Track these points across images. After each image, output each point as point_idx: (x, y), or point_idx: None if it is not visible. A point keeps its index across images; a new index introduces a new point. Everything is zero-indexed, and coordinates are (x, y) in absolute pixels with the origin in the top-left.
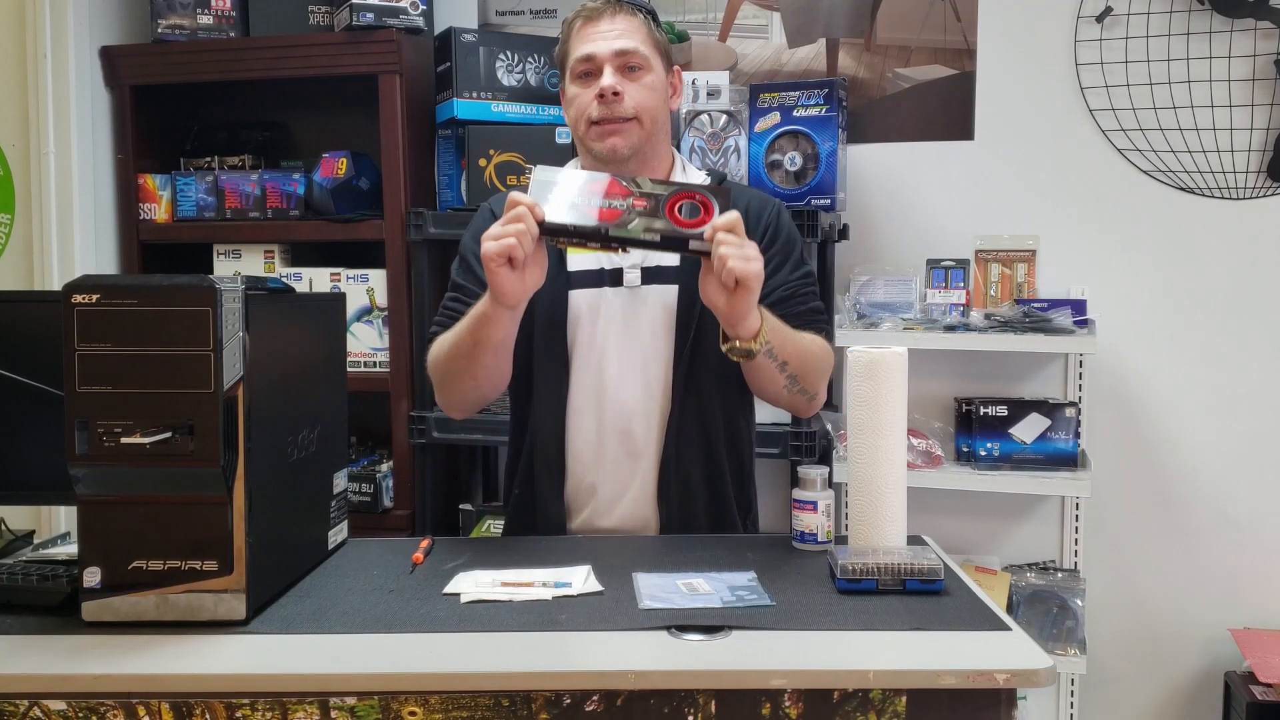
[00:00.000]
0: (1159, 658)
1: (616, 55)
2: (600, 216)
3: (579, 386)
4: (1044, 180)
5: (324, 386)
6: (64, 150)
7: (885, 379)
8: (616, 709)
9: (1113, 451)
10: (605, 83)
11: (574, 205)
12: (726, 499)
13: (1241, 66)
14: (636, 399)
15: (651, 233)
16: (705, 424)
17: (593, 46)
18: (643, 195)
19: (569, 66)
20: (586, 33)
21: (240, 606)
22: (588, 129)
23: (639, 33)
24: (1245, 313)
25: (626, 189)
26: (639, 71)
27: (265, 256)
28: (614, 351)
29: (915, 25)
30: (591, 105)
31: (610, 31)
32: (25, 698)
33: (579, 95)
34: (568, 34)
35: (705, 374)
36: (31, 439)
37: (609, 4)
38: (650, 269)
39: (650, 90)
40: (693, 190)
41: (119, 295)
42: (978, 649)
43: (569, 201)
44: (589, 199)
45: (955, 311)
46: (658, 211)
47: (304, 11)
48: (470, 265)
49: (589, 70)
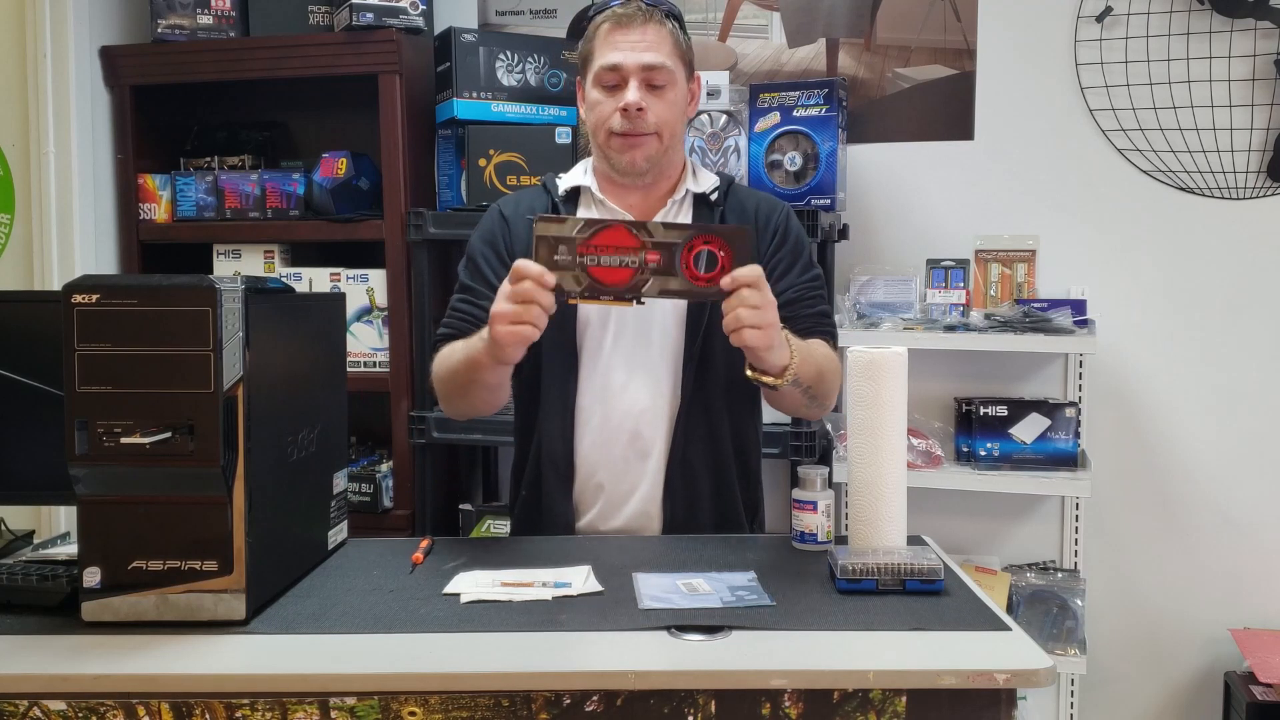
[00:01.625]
0: (1159, 658)
1: (643, 69)
2: (612, 279)
3: (587, 387)
4: (1044, 180)
5: (324, 386)
6: (64, 150)
7: (885, 379)
8: (616, 709)
9: (1113, 451)
10: (630, 99)
11: (585, 264)
12: (733, 500)
13: (1241, 66)
14: (645, 399)
15: (669, 294)
16: (712, 424)
17: (620, 57)
18: (655, 246)
19: (593, 69)
20: (615, 39)
21: (240, 606)
22: (608, 138)
23: (666, 45)
24: (1245, 313)
25: (638, 240)
26: (664, 88)
27: (265, 256)
28: (623, 353)
29: (915, 25)
30: (614, 116)
31: (640, 43)
32: (25, 698)
33: (602, 103)
34: (594, 34)
35: (714, 375)
36: (31, 439)
37: (640, 11)
38: None
39: (672, 106)
40: (709, 233)
41: (119, 295)
42: (978, 649)
43: (581, 260)
44: (599, 257)
45: (955, 311)
46: (673, 267)
47: (304, 11)
48: (479, 267)
49: (614, 81)
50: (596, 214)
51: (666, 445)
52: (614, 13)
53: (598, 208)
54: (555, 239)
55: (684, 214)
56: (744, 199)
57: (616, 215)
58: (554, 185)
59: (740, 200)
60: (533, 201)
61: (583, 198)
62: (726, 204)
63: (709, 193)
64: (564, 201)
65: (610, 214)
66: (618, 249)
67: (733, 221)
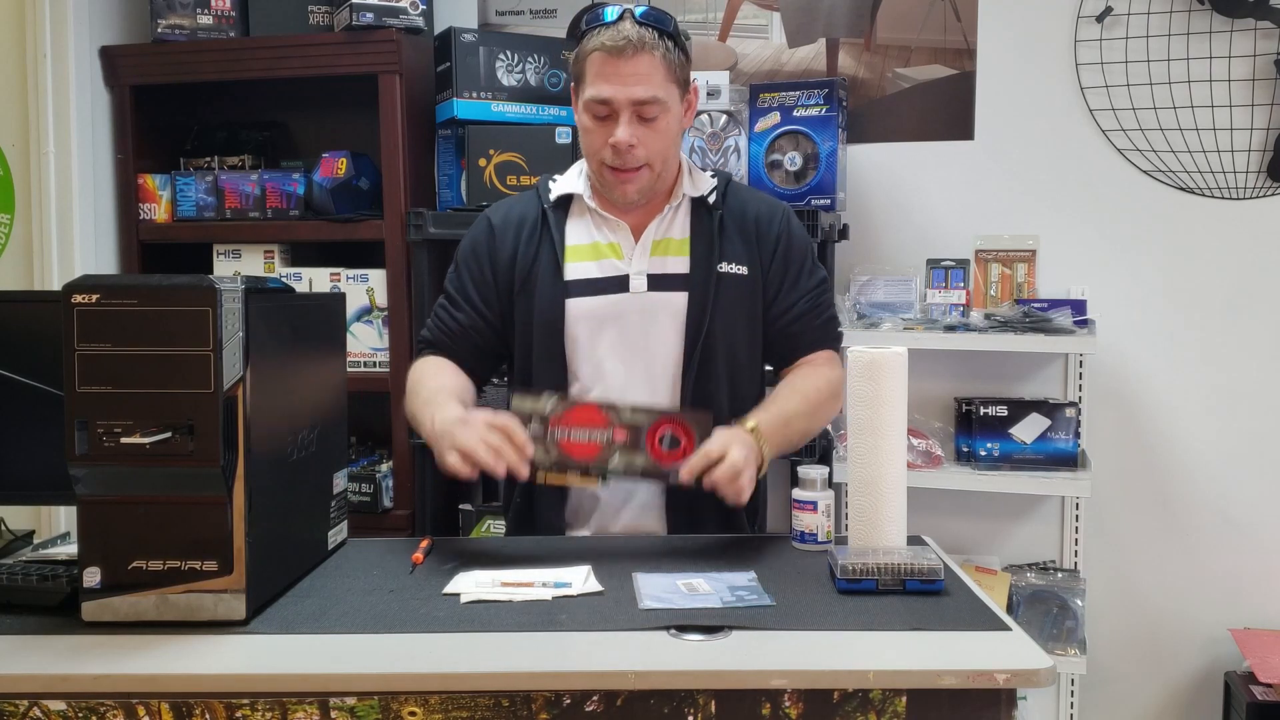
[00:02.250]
0: (1159, 658)
1: (633, 104)
2: (581, 453)
3: (582, 393)
4: (1044, 180)
5: (324, 386)
6: (64, 150)
7: (885, 379)
8: (616, 709)
9: (1113, 451)
10: (620, 136)
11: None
12: (736, 509)
13: (1241, 66)
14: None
15: (633, 470)
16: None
17: (610, 91)
18: (623, 425)
19: (584, 95)
20: (606, 71)
21: (240, 606)
22: (600, 168)
23: (658, 74)
24: (1245, 313)
25: (607, 418)
26: (655, 119)
27: (265, 256)
28: (618, 358)
29: (915, 25)
30: (605, 149)
31: (631, 76)
32: (25, 698)
33: (594, 132)
34: (585, 58)
35: (714, 383)
36: (31, 439)
37: (631, 43)
38: (657, 276)
39: (664, 135)
40: (673, 417)
41: (119, 295)
42: (978, 649)
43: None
44: (570, 431)
45: (955, 311)
46: (639, 444)
47: (304, 11)
48: (462, 277)
49: (605, 113)
50: (589, 222)
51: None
52: (605, 43)
53: (590, 215)
54: (530, 413)
55: (679, 221)
56: (744, 203)
57: (608, 223)
58: (546, 191)
59: (740, 204)
60: (524, 209)
61: (574, 204)
62: (725, 207)
63: (706, 195)
64: (554, 209)
65: (602, 222)
66: (588, 425)
67: (732, 228)
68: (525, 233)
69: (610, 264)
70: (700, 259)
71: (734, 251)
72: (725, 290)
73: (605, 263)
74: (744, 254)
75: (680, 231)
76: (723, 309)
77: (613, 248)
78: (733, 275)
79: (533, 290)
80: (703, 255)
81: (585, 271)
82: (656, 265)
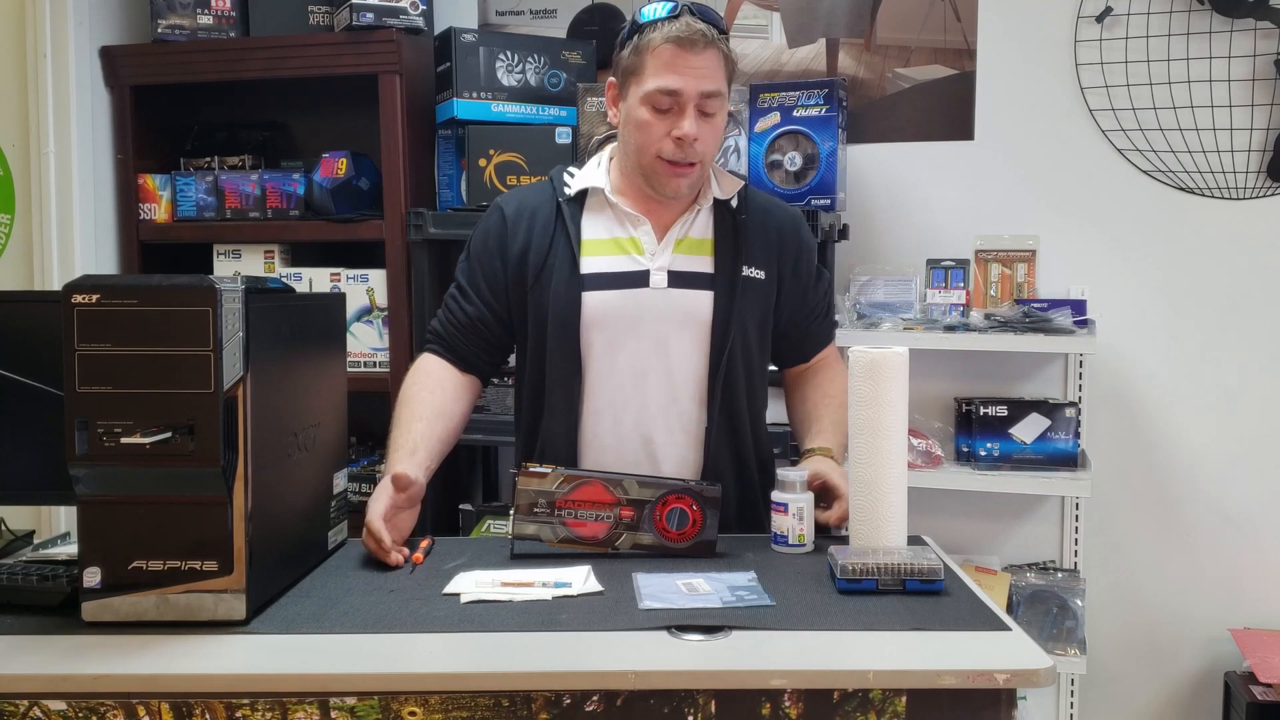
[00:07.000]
0: (1159, 658)
1: (702, 97)
2: (588, 532)
3: (596, 390)
4: (1044, 180)
5: (324, 386)
6: (64, 150)
7: (885, 379)
8: (616, 709)
9: (1113, 451)
10: (688, 130)
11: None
12: (754, 507)
13: (1241, 66)
14: (659, 405)
15: (641, 548)
16: (738, 435)
17: (681, 83)
18: (629, 503)
19: (645, 87)
20: (676, 63)
21: (240, 606)
22: (655, 161)
23: (722, 69)
24: (1245, 313)
25: (613, 496)
26: (714, 115)
27: (265, 256)
28: (633, 355)
29: (915, 25)
30: (665, 142)
31: (701, 69)
32: (25, 698)
33: (652, 125)
34: (648, 49)
35: (738, 388)
36: (31, 439)
37: (703, 36)
38: (678, 273)
39: (718, 131)
40: (681, 494)
41: (119, 295)
42: (978, 649)
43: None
44: (576, 511)
45: (955, 311)
46: (644, 523)
47: (304, 11)
48: (473, 268)
49: (669, 105)
50: (609, 216)
51: (696, 461)
52: (675, 34)
53: (611, 210)
54: (536, 492)
55: (701, 221)
56: (764, 209)
57: (630, 218)
58: (561, 183)
59: (761, 210)
60: (538, 200)
61: (591, 198)
62: (748, 211)
63: (730, 199)
64: (569, 203)
65: (624, 217)
66: (594, 504)
67: (754, 234)
68: (539, 224)
69: (631, 259)
70: (725, 261)
71: (755, 256)
72: (747, 293)
73: (625, 258)
74: (763, 259)
75: (701, 231)
76: (744, 312)
77: (634, 243)
78: (754, 279)
79: (547, 282)
80: (728, 257)
81: (603, 265)
82: (678, 263)
